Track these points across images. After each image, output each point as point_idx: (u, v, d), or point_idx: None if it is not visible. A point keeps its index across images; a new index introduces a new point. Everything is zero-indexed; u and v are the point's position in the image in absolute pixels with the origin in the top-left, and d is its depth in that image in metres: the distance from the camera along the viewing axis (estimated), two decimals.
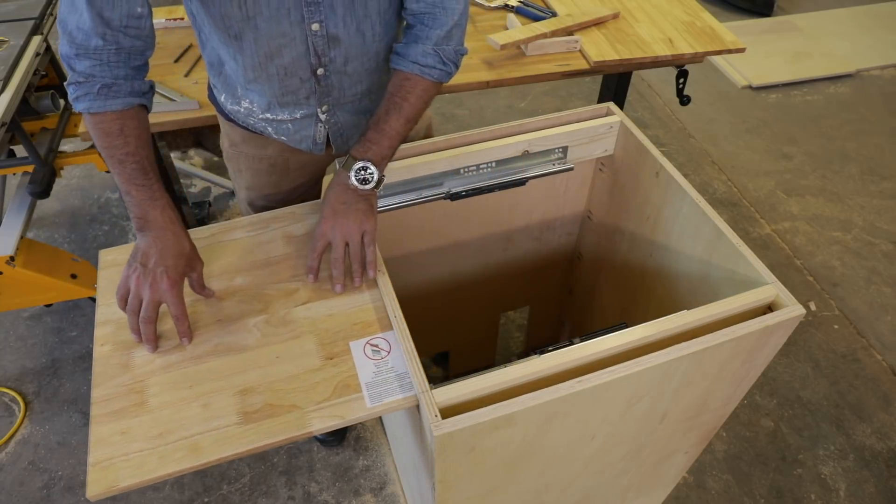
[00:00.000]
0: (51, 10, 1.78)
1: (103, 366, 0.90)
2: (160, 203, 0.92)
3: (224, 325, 0.95)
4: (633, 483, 1.27)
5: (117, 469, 0.79)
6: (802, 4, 3.75)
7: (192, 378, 0.89)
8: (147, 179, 0.91)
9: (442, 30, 0.99)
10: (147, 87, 0.95)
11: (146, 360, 0.91)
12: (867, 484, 1.71)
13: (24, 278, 1.56)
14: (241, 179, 1.25)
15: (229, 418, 0.84)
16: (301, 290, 1.00)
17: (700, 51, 1.72)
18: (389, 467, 1.72)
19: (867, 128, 2.92)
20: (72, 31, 0.86)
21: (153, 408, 0.85)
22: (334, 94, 1.07)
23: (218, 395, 0.87)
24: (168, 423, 0.84)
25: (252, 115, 1.10)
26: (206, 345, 0.93)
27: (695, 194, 1.09)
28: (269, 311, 0.97)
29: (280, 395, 0.87)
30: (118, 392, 0.87)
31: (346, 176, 0.98)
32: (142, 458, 0.80)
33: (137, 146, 0.91)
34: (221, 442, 0.82)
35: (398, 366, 0.90)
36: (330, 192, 1.01)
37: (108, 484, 0.78)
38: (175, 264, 0.90)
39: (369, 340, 0.93)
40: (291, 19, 0.93)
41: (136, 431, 0.83)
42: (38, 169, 1.59)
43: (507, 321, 2.07)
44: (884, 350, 2.02)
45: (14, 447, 1.76)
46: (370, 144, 1.00)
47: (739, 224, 2.44)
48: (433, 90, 1.04)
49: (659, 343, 0.87)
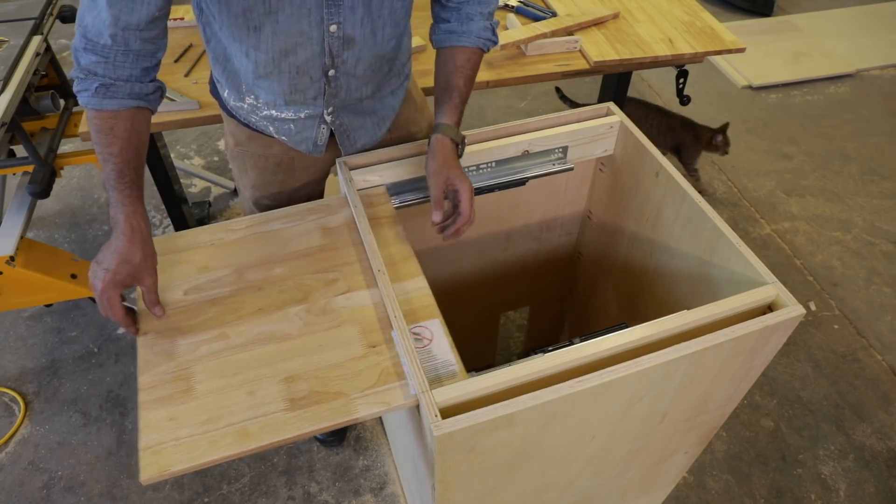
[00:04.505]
0: (51, 10, 1.78)
1: (147, 353, 0.92)
2: (127, 210, 0.92)
3: (265, 315, 0.97)
4: (633, 483, 1.27)
5: (168, 454, 0.81)
6: (802, 4, 3.75)
7: (236, 366, 0.90)
8: (121, 184, 0.91)
9: (492, 6, 1.11)
10: (151, 89, 0.94)
11: (190, 349, 0.92)
12: (867, 484, 1.71)
13: (24, 278, 1.56)
14: (246, 178, 1.25)
15: (276, 405, 0.86)
16: (340, 281, 1.01)
17: (700, 51, 1.72)
18: (389, 467, 1.72)
19: (867, 128, 2.92)
20: (86, 26, 0.87)
21: (200, 394, 0.87)
22: (341, 95, 1.08)
23: (263, 383, 0.88)
24: (215, 409, 0.85)
25: (255, 113, 1.10)
26: (249, 333, 0.94)
27: (695, 194, 1.09)
28: (309, 300, 0.99)
29: (325, 383, 0.88)
30: (164, 379, 0.89)
31: (450, 139, 1.07)
32: (192, 443, 0.82)
33: (122, 148, 0.91)
34: (270, 428, 0.83)
35: (440, 353, 0.91)
36: (439, 149, 1.06)
37: (160, 468, 0.79)
38: (117, 270, 0.90)
39: (411, 329, 0.93)
40: (311, 19, 0.94)
41: (184, 417, 0.84)
42: (38, 169, 1.59)
43: (507, 321, 2.07)
44: (884, 350, 2.03)
45: (14, 447, 1.76)
46: (459, 114, 1.09)
47: (739, 224, 2.44)
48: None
49: (659, 343, 0.87)
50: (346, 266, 1.04)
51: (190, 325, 0.95)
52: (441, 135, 1.07)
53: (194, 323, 0.95)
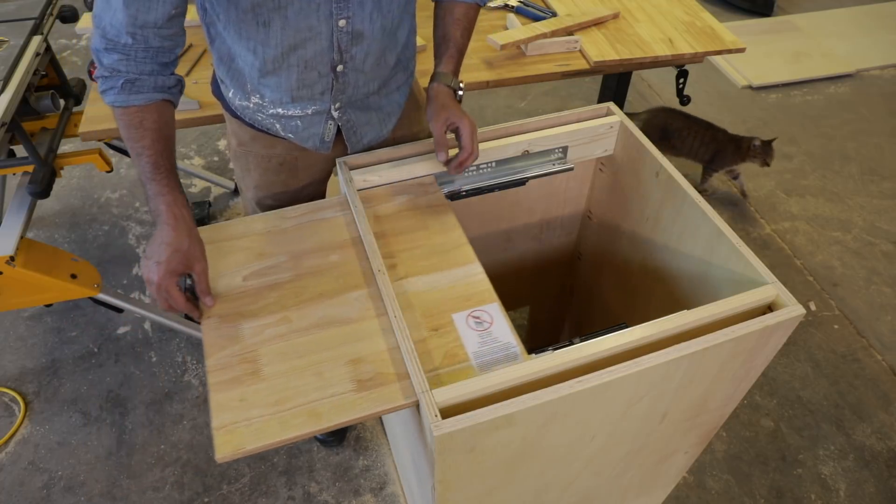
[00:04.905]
0: (51, 10, 1.77)
1: (212, 337, 0.94)
2: (167, 199, 0.94)
3: (326, 299, 0.99)
4: (633, 483, 1.27)
5: (241, 433, 0.82)
6: (802, 4, 3.75)
7: (302, 349, 0.92)
8: (157, 174, 0.93)
9: None
10: (173, 82, 0.96)
11: (254, 332, 0.94)
12: (867, 484, 1.71)
13: (24, 278, 1.56)
14: (248, 179, 1.25)
15: (344, 386, 0.88)
16: (398, 267, 1.03)
17: (700, 51, 1.72)
18: (389, 467, 1.72)
19: (867, 128, 2.92)
20: (105, 28, 0.88)
21: (267, 376, 0.89)
22: (348, 91, 1.09)
23: (329, 365, 0.90)
24: (284, 390, 0.87)
25: (261, 111, 1.10)
26: (311, 317, 0.96)
27: (695, 194, 1.09)
28: (368, 285, 1.00)
29: (390, 365, 0.90)
30: (231, 362, 0.91)
31: (446, 85, 1.11)
32: (263, 423, 0.84)
33: (154, 140, 0.93)
34: (340, 408, 0.85)
35: (501, 336, 0.93)
36: (437, 95, 1.10)
37: (234, 447, 0.81)
38: (169, 259, 0.92)
39: (471, 313, 0.96)
40: (320, 14, 0.95)
41: (253, 398, 0.86)
42: (38, 169, 1.59)
43: None
44: (884, 350, 2.03)
45: (14, 447, 1.76)
46: (456, 64, 1.13)
47: (739, 224, 2.44)
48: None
49: (659, 343, 0.87)
50: (403, 252, 1.06)
51: (252, 309, 0.98)
52: (438, 83, 1.11)
53: (256, 307, 0.98)
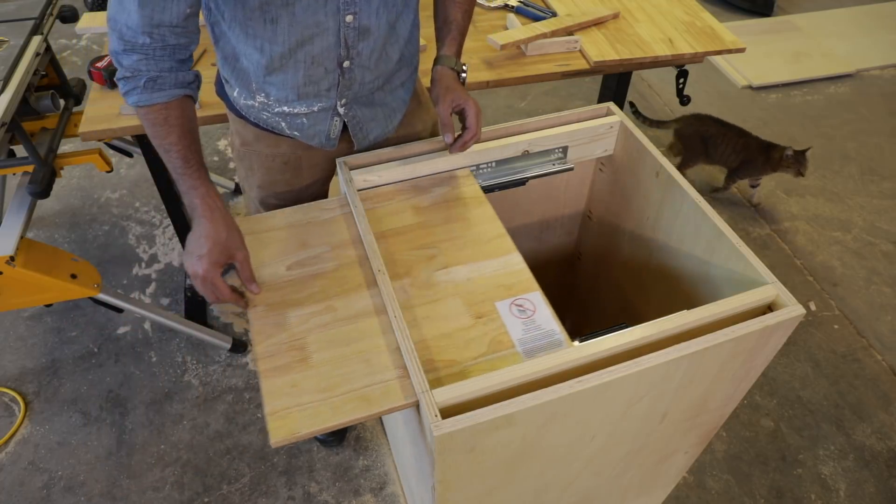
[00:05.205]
0: (51, 10, 1.77)
1: (260, 324, 0.95)
2: (200, 191, 0.95)
3: (369, 288, 1.00)
4: (633, 483, 1.27)
5: (294, 418, 0.84)
6: (802, 4, 3.75)
7: (348, 336, 0.93)
8: (188, 168, 0.94)
9: None
10: (192, 78, 0.97)
11: (301, 320, 0.96)
12: (867, 484, 1.71)
13: (24, 278, 1.56)
14: (252, 178, 1.25)
15: (392, 372, 0.88)
16: (439, 257, 1.05)
17: (700, 51, 1.72)
18: (389, 467, 1.72)
19: (867, 128, 2.92)
20: (121, 30, 0.88)
21: (316, 363, 0.90)
22: (354, 87, 1.09)
23: (376, 352, 0.91)
24: (333, 377, 0.88)
25: (266, 110, 1.10)
26: (356, 306, 0.98)
27: (695, 194, 1.10)
28: (410, 275, 1.02)
29: (436, 352, 0.91)
30: (280, 349, 0.92)
31: (450, 68, 1.13)
32: (315, 408, 0.85)
33: (180, 135, 0.94)
34: (389, 394, 0.86)
35: (545, 324, 0.95)
36: (441, 77, 1.13)
37: (288, 431, 0.82)
38: (211, 251, 0.93)
39: (514, 301, 0.97)
40: (327, 9, 0.95)
41: (304, 384, 0.88)
42: (38, 169, 1.59)
43: None
44: (884, 350, 2.03)
45: (14, 447, 1.76)
46: (458, 46, 1.16)
47: (739, 224, 2.44)
48: None
49: (659, 343, 0.87)
50: (443, 243, 1.07)
51: (297, 298, 0.99)
52: (441, 66, 1.13)
53: (302, 296, 0.99)
